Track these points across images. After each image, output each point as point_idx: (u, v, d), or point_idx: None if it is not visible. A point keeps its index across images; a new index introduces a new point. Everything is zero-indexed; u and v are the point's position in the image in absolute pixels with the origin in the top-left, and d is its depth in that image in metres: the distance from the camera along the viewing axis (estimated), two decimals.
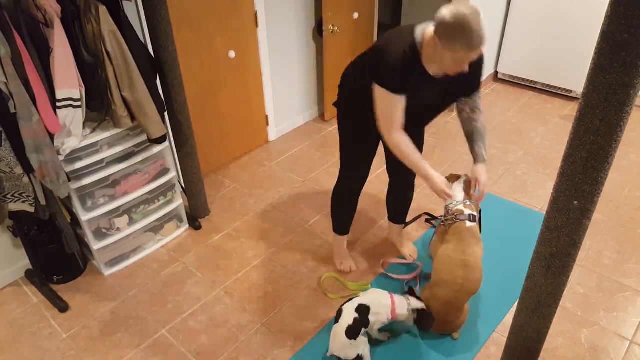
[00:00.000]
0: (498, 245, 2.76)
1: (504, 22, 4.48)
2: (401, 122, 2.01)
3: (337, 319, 2.07)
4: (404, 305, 2.15)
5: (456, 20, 1.69)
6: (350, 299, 2.13)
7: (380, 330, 2.24)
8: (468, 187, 2.26)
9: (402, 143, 2.03)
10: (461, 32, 1.70)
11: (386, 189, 2.67)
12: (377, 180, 3.38)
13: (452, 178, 2.34)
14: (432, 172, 2.08)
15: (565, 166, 1.32)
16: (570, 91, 4.39)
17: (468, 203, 2.22)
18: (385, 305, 2.13)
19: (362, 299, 2.11)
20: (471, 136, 2.15)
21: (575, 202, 1.34)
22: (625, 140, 3.74)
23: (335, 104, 2.32)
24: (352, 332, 2.00)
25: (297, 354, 2.25)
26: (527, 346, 1.77)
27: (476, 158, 2.16)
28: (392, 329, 2.30)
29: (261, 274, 2.70)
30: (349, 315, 2.02)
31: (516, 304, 1.76)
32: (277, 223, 3.07)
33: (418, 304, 2.16)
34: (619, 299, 2.47)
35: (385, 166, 2.53)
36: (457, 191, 2.24)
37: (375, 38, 4.32)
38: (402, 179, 2.54)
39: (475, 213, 2.22)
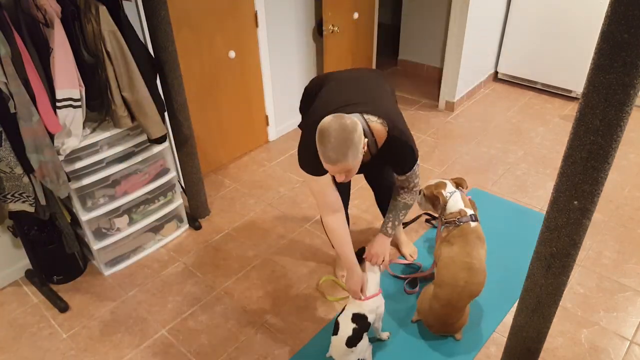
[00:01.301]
0: (498, 245, 2.76)
1: (504, 22, 4.48)
2: (333, 204, 2.02)
3: (335, 332, 2.04)
4: (374, 279, 2.13)
5: (319, 130, 1.72)
6: (343, 310, 2.09)
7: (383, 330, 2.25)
8: (459, 183, 2.35)
9: (333, 230, 2.06)
10: (319, 141, 1.73)
11: None
12: None
13: (440, 186, 2.32)
14: (357, 268, 2.07)
15: (565, 166, 1.32)
16: (570, 91, 4.39)
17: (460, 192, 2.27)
18: (374, 299, 2.10)
19: (353, 307, 2.05)
20: (388, 208, 2.18)
21: (575, 202, 1.34)
22: (625, 140, 3.74)
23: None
24: (353, 342, 1.99)
25: (297, 354, 2.25)
26: (527, 346, 1.77)
27: (380, 228, 2.20)
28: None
29: (261, 274, 2.70)
30: (347, 326, 1.99)
31: (516, 304, 1.76)
32: (277, 223, 3.07)
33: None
34: (619, 299, 2.47)
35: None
36: (453, 198, 2.26)
37: (375, 38, 4.33)
38: (386, 188, 2.46)
39: (474, 212, 2.22)
